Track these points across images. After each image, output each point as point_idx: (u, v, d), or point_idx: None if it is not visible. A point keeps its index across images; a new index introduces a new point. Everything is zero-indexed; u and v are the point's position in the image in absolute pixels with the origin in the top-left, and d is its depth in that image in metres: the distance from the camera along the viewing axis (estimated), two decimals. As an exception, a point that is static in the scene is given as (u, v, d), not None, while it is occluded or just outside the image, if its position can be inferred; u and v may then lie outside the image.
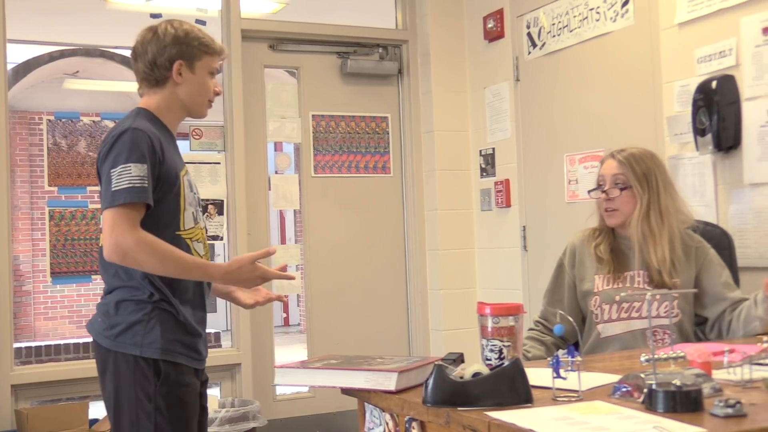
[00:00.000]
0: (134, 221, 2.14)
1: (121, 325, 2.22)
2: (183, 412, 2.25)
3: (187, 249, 2.29)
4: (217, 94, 2.42)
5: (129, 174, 2.13)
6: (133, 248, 2.11)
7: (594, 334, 2.65)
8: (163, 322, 2.22)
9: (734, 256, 2.90)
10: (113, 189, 2.13)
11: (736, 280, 2.82)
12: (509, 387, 1.60)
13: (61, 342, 6.80)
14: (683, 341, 2.58)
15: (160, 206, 2.22)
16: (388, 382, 1.79)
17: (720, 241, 2.86)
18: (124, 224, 2.11)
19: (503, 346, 1.91)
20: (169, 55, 2.31)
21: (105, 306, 2.28)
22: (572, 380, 1.66)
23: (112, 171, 2.15)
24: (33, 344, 6.49)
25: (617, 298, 2.61)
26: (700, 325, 2.69)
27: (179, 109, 2.37)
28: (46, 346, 6.29)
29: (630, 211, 2.64)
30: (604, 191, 2.67)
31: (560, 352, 1.68)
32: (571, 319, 2.64)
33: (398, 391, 1.78)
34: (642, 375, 1.63)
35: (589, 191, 2.77)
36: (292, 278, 2.52)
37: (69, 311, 10.11)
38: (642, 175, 2.63)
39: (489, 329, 1.92)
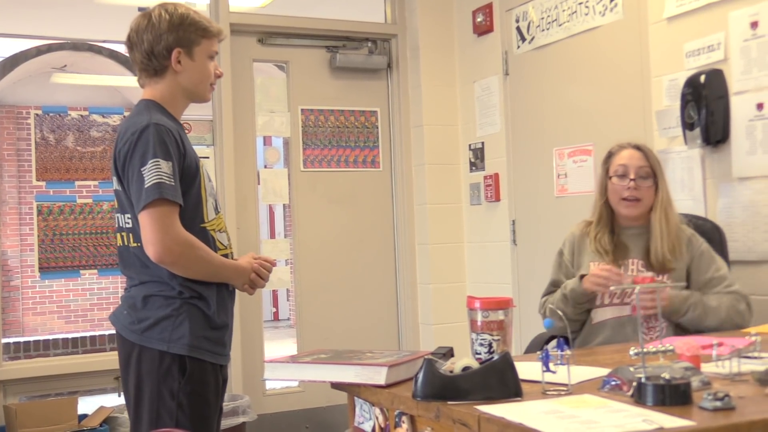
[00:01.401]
0: (177, 222, 2.12)
1: (150, 320, 2.18)
2: (205, 411, 2.22)
3: (213, 241, 2.27)
4: (218, 76, 2.37)
5: (159, 169, 2.10)
6: (185, 253, 2.12)
7: (587, 320, 2.67)
8: (192, 319, 2.19)
9: (726, 250, 2.91)
10: (146, 186, 2.09)
11: None
12: (499, 381, 1.61)
13: (50, 337, 6.79)
14: (674, 328, 2.60)
15: (185, 200, 2.19)
16: (378, 376, 1.79)
17: (712, 235, 2.88)
18: (169, 224, 2.10)
19: (493, 340, 1.91)
20: (166, 43, 2.25)
21: (131, 299, 2.24)
22: (562, 374, 1.66)
23: (142, 169, 2.11)
24: (21, 340, 6.47)
25: (611, 287, 2.62)
26: None
27: (183, 98, 2.33)
28: (34, 341, 6.28)
29: (650, 202, 2.68)
30: (633, 180, 2.67)
31: (550, 345, 1.68)
32: (560, 313, 2.65)
33: (388, 386, 1.78)
34: (631, 368, 1.63)
35: (609, 176, 2.72)
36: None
37: (57, 306, 10.07)
38: (659, 165, 2.70)
39: (479, 323, 1.93)
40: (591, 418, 1.41)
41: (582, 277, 2.63)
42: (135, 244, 2.21)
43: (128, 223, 2.23)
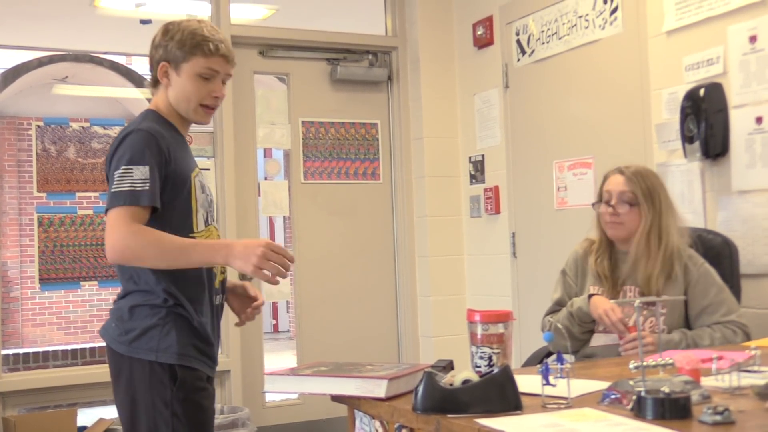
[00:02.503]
0: (132, 220, 2.07)
1: (136, 331, 2.17)
2: (201, 417, 2.21)
3: None
4: (216, 98, 2.29)
5: (131, 177, 2.09)
6: (129, 241, 2.05)
7: (591, 340, 2.68)
8: (179, 327, 2.18)
9: (736, 264, 2.87)
10: (113, 191, 2.09)
11: (738, 288, 2.83)
12: (499, 394, 1.61)
13: (50, 349, 6.78)
14: None
15: (170, 208, 2.16)
16: (378, 389, 1.78)
17: (721, 249, 2.85)
18: (121, 222, 2.06)
19: (493, 353, 1.91)
20: (157, 56, 2.26)
21: (118, 311, 2.23)
22: (561, 387, 1.66)
23: (115, 173, 2.11)
24: (21, 351, 6.47)
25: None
26: None
27: (176, 113, 2.30)
28: (34, 353, 6.27)
29: (634, 227, 2.66)
30: (611, 205, 2.68)
31: (549, 359, 1.68)
32: (565, 332, 2.66)
33: (388, 398, 1.78)
34: (631, 382, 1.63)
35: (592, 203, 2.77)
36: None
37: (57, 318, 10.06)
38: (648, 192, 2.66)
39: (479, 336, 1.93)
40: (591, 432, 1.41)
41: (590, 296, 2.64)
42: None
43: None
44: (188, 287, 2.20)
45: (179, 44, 2.23)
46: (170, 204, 2.16)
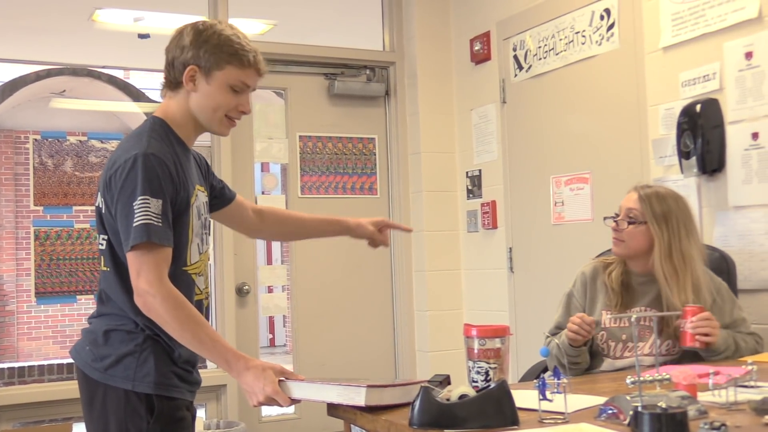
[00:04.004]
0: (162, 269, 1.96)
1: (111, 357, 2.04)
2: None
3: (192, 284, 2.12)
4: (242, 112, 2.17)
5: (148, 208, 1.95)
6: (160, 304, 1.93)
7: (603, 364, 2.65)
8: (157, 354, 2.04)
9: (734, 279, 2.89)
10: (135, 224, 1.94)
11: None
12: (496, 409, 1.60)
13: (45, 363, 6.75)
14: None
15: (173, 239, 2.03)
16: (358, 397, 1.78)
17: (718, 264, 2.86)
18: (153, 272, 1.93)
19: (490, 368, 1.91)
20: (185, 57, 2.07)
21: (92, 334, 2.10)
22: (558, 402, 1.66)
23: (134, 204, 1.95)
24: (16, 365, 6.44)
25: (623, 336, 2.63)
26: None
27: (192, 121, 2.15)
28: (29, 366, 6.25)
29: (635, 246, 2.65)
30: (615, 221, 2.69)
31: (546, 374, 1.68)
32: (557, 341, 2.65)
33: (371, 409, 1.78)
34: (628, 397, 1.63)
35: (605, 218, 2.76)
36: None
37: (53, 331, 10.03)
38: (661, 214, 2.62)
39: (475, 351, 1.92)
40: (588, 447, 1.41)
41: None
42: (105, 268, 2.09)
43: (102, 244, 2.10)
44: None
45: (215, 49, 2.07)
46: (173, 236, 2.03)
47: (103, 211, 2.07)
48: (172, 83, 2.12)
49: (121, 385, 2.02)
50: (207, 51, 2.07)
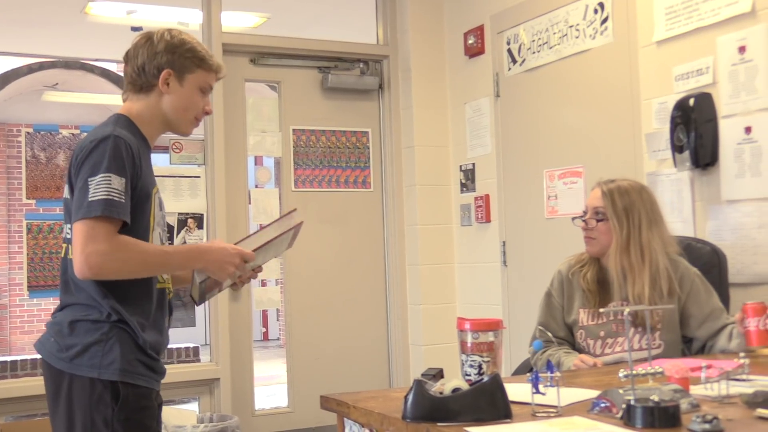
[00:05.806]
0: (112, 233, 2.00)
1: (77, 347, 2.08)
2: None
3: None
4: (206, 113, 2.31)
5: (108, 185, 1.99)
6: (111, 258, 1.98)
7: None
8: (123, 342, 2.08)
9: (725, 273, 2.89)
10: (90, 199, 1.98)
11: (726, 297, 2.83)
12: (489, 402, 1.61)
13: (38, 356, 6.72)
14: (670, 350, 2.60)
15: (132, 223, 2.07)
16: (292, 221, 2.34)
17: (710, 258, 2.87)
18: (101, 236, 1.97)
19: (483, 361, 1.91)
20: (158, 62, 2.20)
21: (57, 325, 2.14)
22: (551, 396, 1.66)
23: (90, 179, 2.00)
24: (9, 358, 6.41)
25: (601, 333, 2.64)
26: (687, 343, 2.70)
27: (160, 122, 2.25)
28: (21, 360, 6.22)
29: (607, 242, 2.65)
30: (584, 220, 2.69)
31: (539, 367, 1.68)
32: (549, 334, 2.66)
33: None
34: (620, 390, 1.63)
35: (573, 218, 2.78)
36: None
37: (46, 325, 10.02)
38: (622, 209, 2.63)
39: (469, 344, 1.93)
40: (580, 441, 1.41)
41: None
42: (72, 257, 2.10)
43: (68, 233, 2.13)
44: (136, 305, 2.12)
45: (188, 53, 2.24)
46: (133, 219, 2.07)
47: (71, 200, 2.10)
48: (141, 86, 2.24)
49: (87, 373, 2.07)
50: (181, 56, 2.23)
